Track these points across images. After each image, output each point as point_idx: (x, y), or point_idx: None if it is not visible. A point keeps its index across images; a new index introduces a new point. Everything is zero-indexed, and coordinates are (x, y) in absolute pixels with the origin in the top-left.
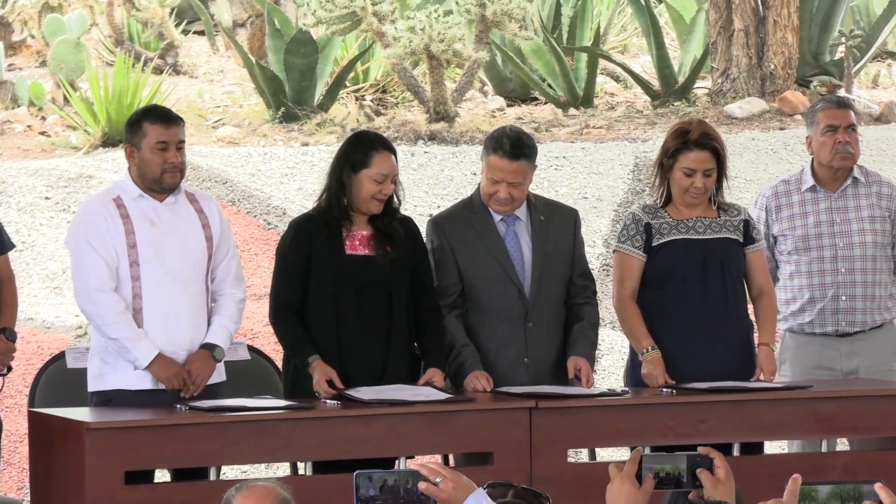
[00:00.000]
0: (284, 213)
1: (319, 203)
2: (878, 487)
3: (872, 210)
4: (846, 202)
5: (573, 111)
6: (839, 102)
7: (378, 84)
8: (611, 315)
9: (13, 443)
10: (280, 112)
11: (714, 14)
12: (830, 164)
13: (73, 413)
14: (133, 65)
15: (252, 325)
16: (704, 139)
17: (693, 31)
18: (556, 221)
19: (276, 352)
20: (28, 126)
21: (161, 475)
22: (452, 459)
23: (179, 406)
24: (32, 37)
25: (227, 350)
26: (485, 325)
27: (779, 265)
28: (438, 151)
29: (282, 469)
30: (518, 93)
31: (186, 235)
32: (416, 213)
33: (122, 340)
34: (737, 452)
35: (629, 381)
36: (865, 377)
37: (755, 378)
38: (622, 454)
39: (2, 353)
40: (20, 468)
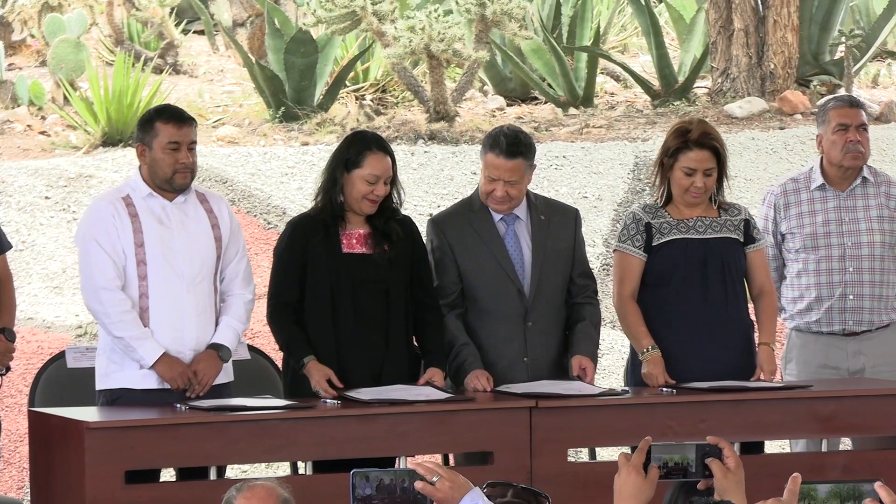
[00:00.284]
0: (284, 213)
1: (316, 202)
2: (878, 486)
3: (881, 210)
4: (855, 201)
5: (573, 111)
6: (850, 101)
7: (378, 84)
8: (611, 314)
9: (13, 442)
10: (280, 112)
11: (714, 14)
12: (841, 164)
13: (73, 413)
14: (133, 64)
15: (252, 325)
16: (705, 139)
17: (693, 31)
18: (557, 221)
19: (276, 351)
20: (28, 126)
21: (164, 475)
22: (452, 459)
23: (179, 405)
24: (32, 36)
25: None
26: (484, 325)
27: (786, 263)
28: (438, 151)
29: (282, 469)
30: (518, 92)
31: (195, 235)
32: (416, 213)
33: (128, 339)
34: (737, 452)
35: (629, 381)
36: (871, 377)
37: (755, 378)
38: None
39: (1, 354)
40: (20, 468)
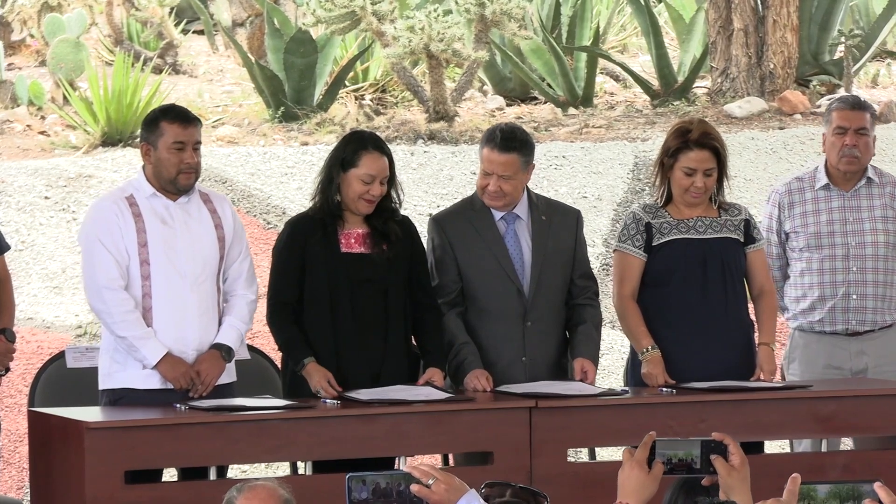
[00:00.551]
0: (284, 213)
1: (314, 201)
2: (878, 486)
3: (885, 210)
4: (859, 202)
5: (573, 111)
6: (854, 104)
7: (377, 83)
8: (611, 314)
9: (13, 442)
10: (280, 111)
11: (713, 13)
12: (836, 167)
13: (73, 413)
14: (132, 64)
15: (252, 325)
16: (705, 139)
17: (692, 31)
18: (558, 221)
19: (276, 352)
20: (27, 125)
21: (164, 475)
22: (452, 459)
23: (179, 405)
24: (32, 36)
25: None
26: (483, 324)
27: (790, 262)
28: (438, 151)
29: (281, 469)
30: (517, 92)
31: (198, 235)
32: (416, 213)
33: (131, 339)
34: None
35: (629, 381)
36: (874, 377)
37: (755, 378)
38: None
39: (2, 354)
40: (20, 468)
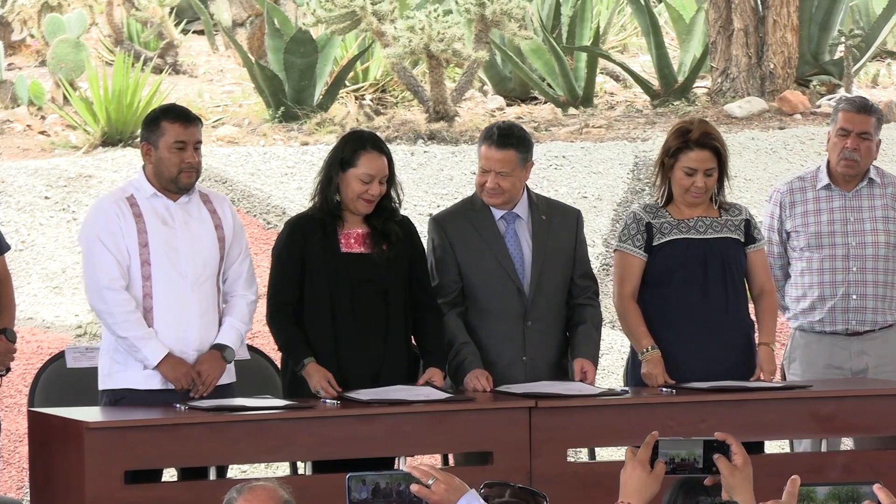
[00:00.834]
0: (284, 213)
1: (314, 201)
2: (877, 488)
3: (886, 210)
4: (861, 202)
5: (573, 111)
6: (861, 107)
7: (378, 83)
8: (611, 314)
9: (13, 442)
10: (280, 111)
11: (713, 13)
12: (836, 168)
13: (73, 413)
14: (133, 64)
15: (252, 325)
16: (705, 139)
17: (692, 31)
18: (558, 221)
19: (276, 352)
20: (28, 125)
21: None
22: (452, 459)
23: (179, 405)
24: (32, 36)
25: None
26: (483, 323)
27: (790, 262)
28: (438, 151)
29: (281, 469)
30: (517, 92)
31: (199, 236)
32: (416, 213)
33: (132, 339)
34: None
35: (629, 381)
36: (874, 377)
37: (755, 378)
38: (622, 454)
39: (2, 354)
40: (20, 468)
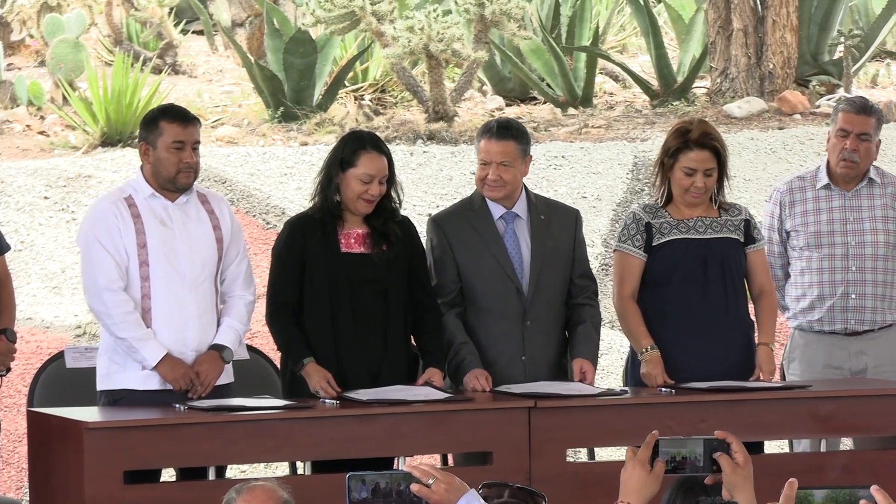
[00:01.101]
0: (283, 213)
1: (314, 201)
2: (875, 490)
3: (886, 210)
4: (860, 201)
5: (572, 111)
6: (861, 108)
7: (377, 84)
8: (610, 314)
9: (12, 443)
10: (279, 112)
11: (713, 14)
12: (836, 169)
13: (72, 413)
14: (132, 64)
15: (252, 325)
16: (705, 139)
17: (692, 31)
18: (557, 221)
19: (275, 352)
20: (27, 126)
21: (164, 475)
22: (451, 459)
23: (178, 406)
24: (31, 36)
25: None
26: (483, 323)
27: (790, 261)
28: (437, 151)
29: (280, 469)
30: (517, 92)
31: (197, 236)
32: (416, 213)
33: (130, 340)
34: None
35: (629, 381)
36: (874, 377)
37: (754, 378)
38: (621, 454)
39: (3, 354)
40: (19, 468)
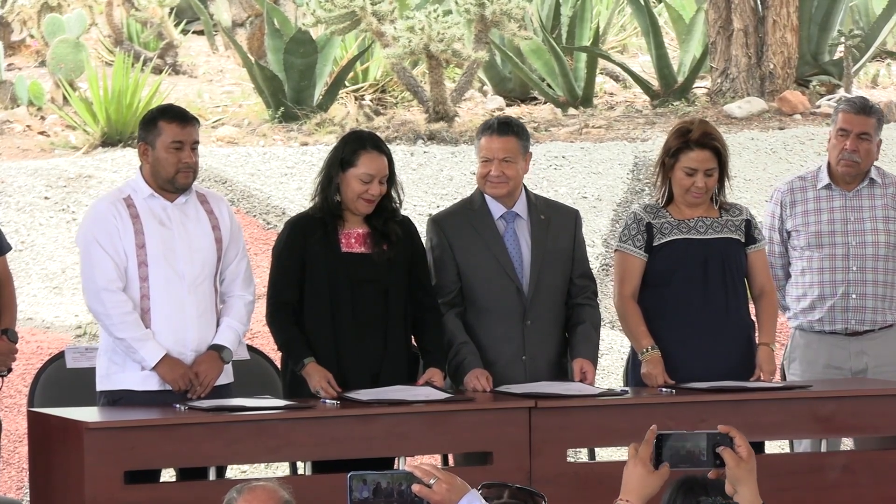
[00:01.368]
0: (284, 213)
1: (314, 201)
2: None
3: (887, 210)
4: (861, 202)
5: (572, 111)
6: (861, 108)
7: (377, 84)
8: (611, 314)
9: (13, 443)
10: (279, 112)
11: (713, 14)
12: (836, 169)
13: (73, 413)
14: (132, 64)
15: (251, 325)
16: (706, 139)
17: (692, 31)
18: (557, 221)
19: (276, 352)
20: (27, 126)
21: (164, 475)
22: (452, 459)
23: (179, 406)
24: (32, 36)
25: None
26: (483, 323)
27: (791, 261)
28: (438, 151)
29: (281, 469)
30: (517, 92)
31: (196, 236)
32: (416, 213)
33: (129, 340)
34: None
35: (629, 381)
36: (874, 377)
37: (754, 378)
38: (621, 454)
39: (4, 354)
40: (20, 468)
